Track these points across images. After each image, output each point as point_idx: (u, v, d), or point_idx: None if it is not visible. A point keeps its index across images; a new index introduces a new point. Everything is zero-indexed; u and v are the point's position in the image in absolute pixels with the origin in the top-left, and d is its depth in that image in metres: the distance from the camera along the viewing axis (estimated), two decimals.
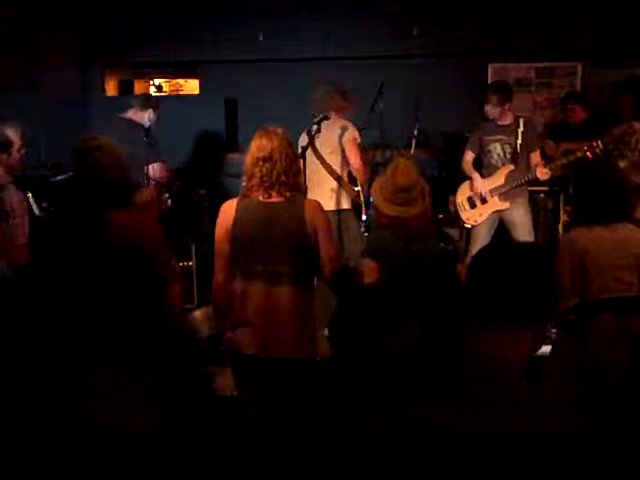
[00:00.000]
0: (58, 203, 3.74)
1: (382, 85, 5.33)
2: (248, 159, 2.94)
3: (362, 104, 5.10)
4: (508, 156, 5.13)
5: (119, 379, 1.46)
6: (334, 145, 4.78)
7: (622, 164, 5.00)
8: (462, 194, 5.37)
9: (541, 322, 1.47)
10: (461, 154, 5.40)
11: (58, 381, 1.45)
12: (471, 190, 5.30)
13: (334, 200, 4.82)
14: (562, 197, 5.56)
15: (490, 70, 6.62)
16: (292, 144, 3.00)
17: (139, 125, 5.04)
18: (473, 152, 5.29)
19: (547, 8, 6.14)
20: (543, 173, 4.97)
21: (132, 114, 5.13)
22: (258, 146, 2.91)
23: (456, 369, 1.45)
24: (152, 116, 5.16)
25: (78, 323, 1.51)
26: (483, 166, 5.27)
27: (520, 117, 5.16)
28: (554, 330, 3.28)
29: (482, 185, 5.21)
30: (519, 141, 5.05)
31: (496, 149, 5.16)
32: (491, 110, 5.12)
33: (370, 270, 3.23)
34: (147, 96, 5.60)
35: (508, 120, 5.13)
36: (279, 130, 2.96)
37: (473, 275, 1.48)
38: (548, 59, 6.52)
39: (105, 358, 1.49)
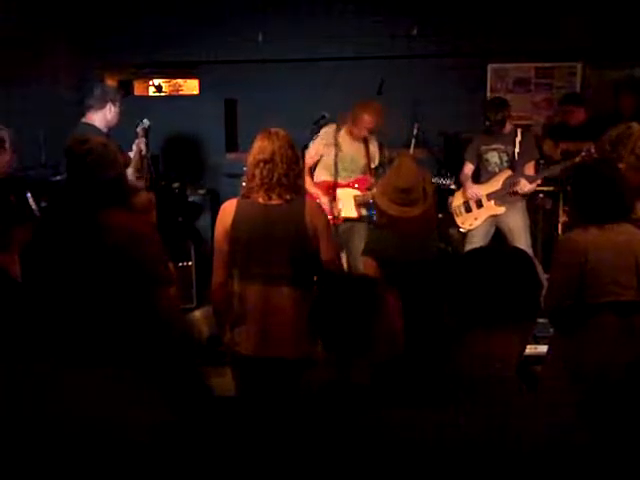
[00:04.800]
0: (53, 204, 3.73)
1: (382, 84, 5.33)
2: (249, 160, 2.92)
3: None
4: (505, 164, 5.15)
5: (117, 379, 1.47)
6: None
7: (620, 166, 4.99)
8: (458, 199, 5.38)
9: (529, 322, 1.49)
10: (460, 154, 5.40)
11: (54, 381, 1.46)
12: (466, 197, 5.31)
13: None
14: (561, 198, 5.56)
15: (490, 70, 6.63)
16: (294, 146, 2.96)
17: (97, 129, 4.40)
18: (472, 164, 5.29)
19: (547, 8, 6.14)
20: (524, 186, 5.01)
21: (92, 115, 4.49)
22: (259, 148, 2.90)
23: (449, 370, 1.46)
24: (113, 109, 4.47)
25: (73, 323, 1.51)
26: (481, 175, 5.28)
27: (518, 127, 5.19)
28: (552, 330, 3.28)
29: (477, 190, 5.21)
30: (517, 149, 5.07)
31: (493, 157, 5.18)
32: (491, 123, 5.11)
33: (368, 268, 3.25)
34: (105, 91, 4.63)
35: (506, 129, 5.14)
36: (281, 132, 2.94)
37: (460, 277, 1.50)
38: (548, 59, 6.52)
39: (100, 358, 1.50)
